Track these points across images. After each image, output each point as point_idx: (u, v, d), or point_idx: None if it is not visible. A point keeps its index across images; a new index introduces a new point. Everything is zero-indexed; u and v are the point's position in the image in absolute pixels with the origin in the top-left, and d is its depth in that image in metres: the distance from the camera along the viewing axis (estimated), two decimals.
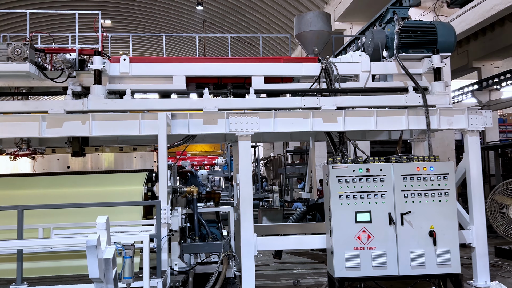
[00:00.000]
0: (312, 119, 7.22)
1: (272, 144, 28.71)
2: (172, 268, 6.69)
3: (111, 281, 2.90)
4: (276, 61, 7.76)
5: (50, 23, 22.45)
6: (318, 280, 8.25)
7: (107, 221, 3.16)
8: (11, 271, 5.46)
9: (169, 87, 7.46)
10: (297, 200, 16.74)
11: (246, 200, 7.03)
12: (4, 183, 6.65)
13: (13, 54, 6.36)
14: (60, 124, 6.67)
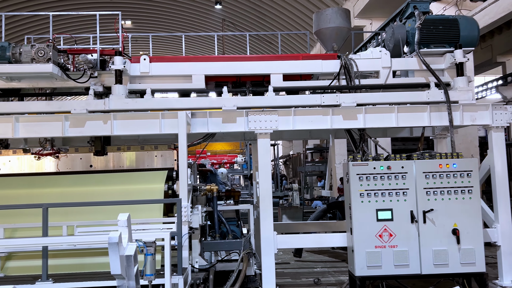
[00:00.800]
0: (332, 117, 7.16)
1: (291, 142, 28.62)
2: (193, 265, 6.75)
3: (133, 278, 2.94)
4: (294, 58, 7.72)
5: (72, 24, 22.85)
6: (339, 279, 8.19)
7: (128, 218, 3.20)
8: (37, 268, 5.60)
9: (189, 86, 7.50)
10: (317, 198, 16.66)
11: (265, 198, 7.03)
12: (29, 181, 6.81)
13: (37, 56, 6.50)
14: (82, 123, 6.78)
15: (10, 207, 6.07)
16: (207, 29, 25.06)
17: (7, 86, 7.17)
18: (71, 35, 8.28)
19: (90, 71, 7.04)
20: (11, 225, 6.11)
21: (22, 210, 6.13)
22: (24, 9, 19.70)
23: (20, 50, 6.53)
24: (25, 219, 6.14)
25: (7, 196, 6.45)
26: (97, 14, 7.40)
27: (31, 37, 8.14)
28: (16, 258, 6.09)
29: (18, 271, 5.97)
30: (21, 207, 6.05)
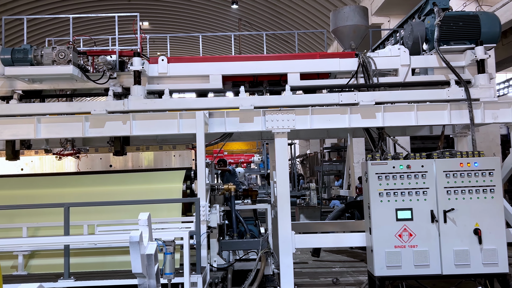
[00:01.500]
0: (350, 115, 7.11)
1: (309, 141, 28.50)
2: (211, 264, 6.78)
3: (153, 277, 2.97)
4: (312, 57, 7.69)
5: (92, 26, 23.19)
6: (358, 279, 8.14)
7: (148, 217, 3.24)
8: (59, 266, 5.70)
9: (206, 86, 7.54)
10: (335, 197, 16.55)
11: (283, 197, 7.02)
12: (51, 181, 6.94)
13: (57, 58, 6.61)
14: (102, 124, 6.88)
15: (33, 207, 6.20)
16: (224, 29, 25.15)
17: (29, 88, 7.31)
18: (91, 37, 8.41)
19: (109, 72, 7.13)
20: (34, 224, 6.23)
21: (44, 210, 6.25)
22: (45, 12, 20.08)
23: (42, 53, 6.65)
24: (47, 218, 6.25)
25: (30, 196, 6.58)
26: (115, 16, 7.49)
27: (52, 39, 8.28)
28: (39, 257, 6.21)
29: (41, 269, 6.08)
30: (43, 206, 6.16)
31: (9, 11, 19.39)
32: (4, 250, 5.80)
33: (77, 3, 21.12)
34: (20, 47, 6.70)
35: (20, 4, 19.64)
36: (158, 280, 3.06)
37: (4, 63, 6.64)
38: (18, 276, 5.88)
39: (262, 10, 22.63)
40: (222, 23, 25.00)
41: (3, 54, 6.64)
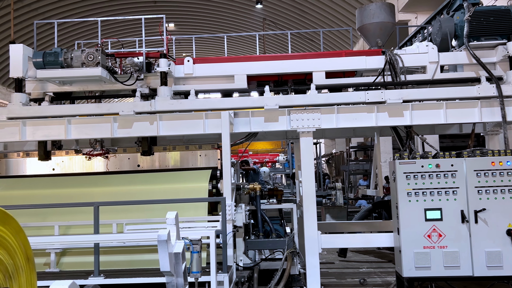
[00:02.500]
0: (377, 114, 7.01)
1: (334, 140, 28.25)
2: (238, 263, 6.80)
3: (181, 275, 3.00)
4: (337, 55, 7.62)
5: (119, 28, 23.66)
6: (386, 280, 8.02)
7: (176, 216, 3.27)
8: (89, 264, 5.84)
9: (231, 86, 7.57)
10: (362, 197, 16.36)
11: (309, 197, 6.98)
12: (81, 181, 7.11)
13: (86, 60, 6.76)
14: (130, 124, 6.99)
15: (64, 205, 6.36)
16: (248, 29, 25.21)
17: (59, 90, 7.52)
18: (118, 39, 8.57)
19: (136, 74, 7.25)
20: (65, 223, 6.39)
21: (75, 208, 6.40)
22: (74, 16, 20.59)
23: (71, 55, 6.82)
24: (78, 217, 6.40)
25: (61, 195, 6.75)
26: (142, 18, 7.61)
27: (81, 42, 8.49)
28: (70, 254, 6.37)
29: (72, 267, 6.24)
30: (74, 205, 6.32)
31: (40, 15, 19.98)
32: (37, 248, 5.97)
33: (105, 6, 21.59)
34: (51, 50, 6.88)
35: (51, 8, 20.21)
36: (185, 279, 3.10)
37: (36, 66, 6.84)
38: (51, 273, 6.05)
39: (286, 9, 22.57)
40: (247, 23, 25.06)
41: (35, 57, 6.84)
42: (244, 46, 28.92)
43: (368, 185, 14.14)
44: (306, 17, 22.68)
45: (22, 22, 20.08)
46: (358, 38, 20.21)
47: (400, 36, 8.51)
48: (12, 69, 7.15)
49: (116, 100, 17.54)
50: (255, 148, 23.98)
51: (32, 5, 19.51)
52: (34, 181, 7.20)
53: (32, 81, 7.41)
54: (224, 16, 24.78)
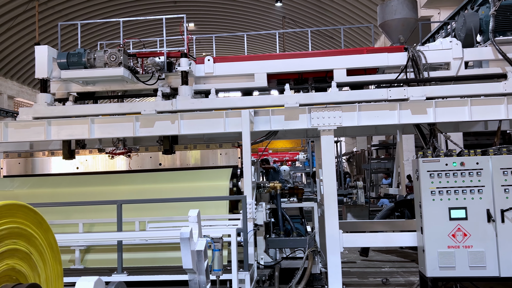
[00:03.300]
0: (399, 111, 6.90)
1: (355, 138, 28.00)
2: (259, 262, 6.81)
3: (203, 272, 3.01)
4: (358, 52, 7.53)
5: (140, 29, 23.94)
6: (409, 279, 7.90)
7: (198, 214, 3.29)
8: (112, 261, 5.93)
9: (251, 85, 7.57)
10: (383, 196, 16.17)
11: (330, 195, 6.93)
12: (104, 179, 7.22)
13: (109, 60, 6.86)
14: (152, 124, 7.06)
15: (88, 203, 6.48)
16: (268, 27, 25.17)
17: (83, 90, 7.65)
18: (140, 39, 8.67)
19: (158, 73, 7.32)
20: (89, 220, 6.51)
21: (98, 206, 6.51)
22: (97, 17, 20.94)
23: (94, 56, 6.93)
24: (101, 215, 6.51)
25: (85, 193, 6.88)
26: (163, 18, 7.67)
27: (104, 43, 8.61)
28: (94, 251, 6.48)
29: (96, 264, 6.35)
30: (97, 203, 6.42)
31: (64, 17, 20.38)
32: (62, 245, 6.08)
33: (127, 7, 21.89)
34: (75, 51, 7.01)
35: (74, 10, 20.60)
36: (208, 276, 3.11)
37: (60, 67, 6.98)
38: (75, 270, 6.16)
39: (306, 6, 22.45)
40: (266, 21, 25.04)
41: (60, 58, 6.98)
42: (264, 44, 28.90)
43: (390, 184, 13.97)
44: (326, 15, 22.51)
45: (47, 24, 20.53)
46: (379, 35, 19.96)
47: (423, 32, 8.37)
48: (37, 70, 7.32)
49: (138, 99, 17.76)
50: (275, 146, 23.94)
51: (56, 7, 19.92)
52: (58, 180, 7.35)
53: (57, 82, 7.57)
54: (244, 15, 24.81)
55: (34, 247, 2.01)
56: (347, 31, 22.80)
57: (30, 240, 1.98)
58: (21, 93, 25.36)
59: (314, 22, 23.36)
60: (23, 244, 1.93)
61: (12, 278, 1.84)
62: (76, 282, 1.67)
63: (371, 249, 10.09)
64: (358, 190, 14.85)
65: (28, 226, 1.96)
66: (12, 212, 1.85)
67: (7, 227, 1.82)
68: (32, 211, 2.01)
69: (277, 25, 24.42)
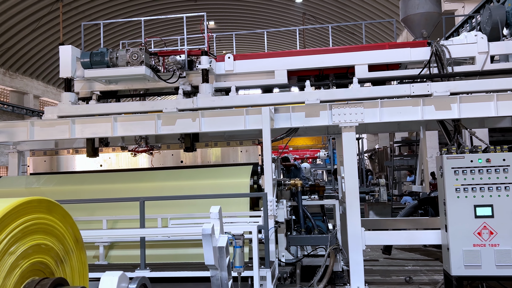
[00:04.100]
0: (423, 107, 6.78)
1: (377, 135, 27.66)
2: (280, 259, 6.80)
3: (225, 269, 3.03)
4: (380, 47, 7.43)
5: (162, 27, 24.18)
6: (433, 278, 7.77)
7: (219, 211, 3.30)
8: (135, 257, 6.01)
9: (271, 82, 7.56)
10: (406, 194, 15.93)
11: (352, 193, 6.87)
12: (127, 177, 7.33)
13: (131, 59, 6.95)
14: (173, 121, 7.13)
15: (111, 200, 6.58)
16: (288, 24, 25.08)
17: (106, 89, 7.77)
18: (161, 38, 8.75)
19: (179, 72, 7.38)
20: (113, 217, 6.61)
21: (121, 203, 6.61)
22: (119, 17, 21.24)
23: (117, 55, 7.02)
24: (124, 212, 6.60)
25: (108, 190, 6.99)
26: (184, 17, 7.73)
27: (126, 42, 8.73)
28: (117, 248, 6.58)
29: (120, 260, 6.44)
30: (120, 200, 6.52)
31: (87, 17, 20.74)
32: (86, 241, 6.21)
33: (148, 6, 22.14)
34: (98, 50, 7.12)
35: (96, 10, 20.94)
36: (229, 273, 3.12)
37: (84, 66, 7.10)
38: (100, 266, 6.28)
39: (326, 2, 22.27)
40: (286, 18, 24.95)
41: (83, 58, 7.10)
42: (284, 41, 28.81)
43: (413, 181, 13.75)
44: (347, 10, 22.28)
45: (71, 24, 20.94)
46: (401, 30, 19.65)
47: (447, 27, 8.20)
48: (61, 70, 7.48)
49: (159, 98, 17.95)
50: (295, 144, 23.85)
51: (79, 8, 20.29)
52: (83, 177, 7.49)
53: (80, 81, 7.71)
54: (264, 12, 24.77)
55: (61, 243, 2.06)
56: (369, 26, 22.52)
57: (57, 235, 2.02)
58: (46, 92, 25.95)
59: (335, 18, 23.15)
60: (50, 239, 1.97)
61: (40, 272, 1.89)
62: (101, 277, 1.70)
63: (394, 247, 9.97)
64: (380, 187, 14.65)
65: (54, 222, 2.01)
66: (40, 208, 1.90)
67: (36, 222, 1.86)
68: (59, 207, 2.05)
69: (297, 22, 24.30)
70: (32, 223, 1.84)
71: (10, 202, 1.73)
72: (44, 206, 1.94)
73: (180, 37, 8.31)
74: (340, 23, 17.43)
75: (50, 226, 1.98)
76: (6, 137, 7.30)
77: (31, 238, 1.84)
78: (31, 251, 1.83)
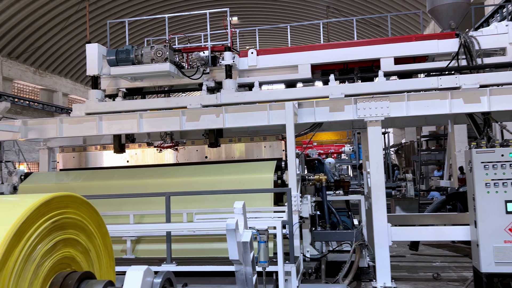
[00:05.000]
0: (451, 100, 6.61)
1: (403, 129, 27.18)
2: (304, 254, 6.78)
3: (249, 264, 3.04)
4: (407, 40, 7.28)
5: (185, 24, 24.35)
6: (461, 275, 7.60)
7: (243, 206, 3.31)
8: (161, 251, 6.10)
9: (295, 76, 7.51)
10: (434, 189, 15.62)
11: (378, 188, 6.77)
12: (153, 172, 7.43)
13: (155, 56, 7.03)
14: (197, 117, 7.18)
15: (138, 195, 6.68)
16: (312, 17, 24.85)
17: (131, 86, 7.89)
18: (185, 35, 8.80)
19: (202, 68, 7.41)
20: (139, 212, 6.72)
21: (147, 198, 6.70)
22: (143, 14, 21.51)
23: (142, 52, 7.11)
24: (150, 207, 6.70)
25: (135, 186, 7.10)
26: (207, 13, 7.75)
27: (150, 39, 8.83)
28: (144, 242, 6.69)
29: (146, 254, 6.56)
30: (147, 195, 6.61)
31: (112, 15, 21.08)
32: (114, 236, 6.33)
33: (172, 3, 22.32)
34: (123, 48, 7.23)
35: (122, 8, 21.25)
36: (254, 268, 3.13)
37: (110, 63, 7.22)
38: (127, 260, 6.40)
39: None
40: (310, 12, 24.72)
41: (109, 55, 7.22)
42: (308, 35, 28.57)
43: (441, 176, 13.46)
44: (371, 2, 21.89)
45: (97, 23, 21.33)
46: (428, 22, 19.21)
47: (476, 17, 7.96)
48: (88, 67, 7.62)
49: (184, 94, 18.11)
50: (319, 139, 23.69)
51: (105, 6, 20.64)
52: (110, 173, 7.64)
53: (107, 78, 7.85)
54: (287, 6, 24.61)
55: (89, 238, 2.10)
56: (394, 19, 22.08)
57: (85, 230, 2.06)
58: (74, 90, 26.56)
59: (359, 10, 22.80)
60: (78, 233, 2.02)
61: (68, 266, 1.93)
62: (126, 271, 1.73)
63: (421, 243, 9.80)
64: (407, 182, 14.41)
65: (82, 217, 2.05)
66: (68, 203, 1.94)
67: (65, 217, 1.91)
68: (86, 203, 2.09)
69: (320, 16, 24.05)
70: (61, 217, 1.88)
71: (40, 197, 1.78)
72: (72, 201, 1.98)
73: (204, 33, 8.35)
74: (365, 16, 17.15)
75: (78, 221, 2.02)
76: (36, 133, 7.51)
77: (61, 233, 1.88)
78: (60, 245, 1.88)
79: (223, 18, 7.68)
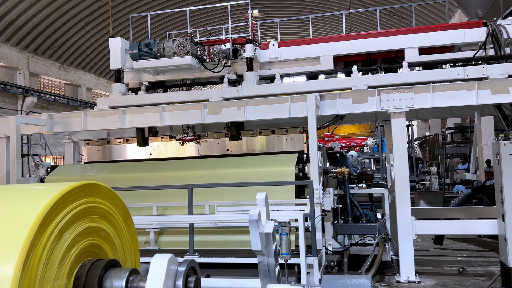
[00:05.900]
0: (478, 91, 6.44)
1: (427, 122, 26.67)
2: (327, 247, 6.74)
3: (272, 255, 3.03)
4: (432, 29, 7.12)
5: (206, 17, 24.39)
6: (488, 269, 7.44)
7: (266, 197, 3.30)
8: (183, 243, 6.16)
9: (317, 68, 7.45)
10: (459, 182, 15.31)
11: (402, 181, 6.67)
12: (175, 165, 7.50)
13: (177, 49, 7.06)
14: (219, 110, 7.19)
15: (161, 188, 6.76)
16: (333, 8, 24.54)
17: (154, 79, 7.97)
18: (206, 28, 8.82)
19: (224, 61, 7.42)
20: (162, 204, 6.80)
21: (170, 191, 6.77)
22: (165, 8, 21.65)
23: (164, 46, 7.17)
24: (173, 199, 6.77)
25: (157, 178, 7.19)
26: (228, 5, 7.74)
27: (172, 33, 8.87)
28: (167, 234, 6.77)
29: (169, 245, 6.63)
30: (170, 187, 6.68)
31: (135, 10, 21.28)
32: (138, 227, 6.43)
33: None
34: (145, 42, 7.29)
35: (145, 3, 21.43)
36: (276, 259, 3.13)
37: (132, 57, 7.30)
38: (151, 251, 6.49)
39: None
40: (332, 2, 24.41)
41: (132, 49, 7.30)
42: (330, 27, 28.25)
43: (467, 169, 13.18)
44: None
45: (120, 18, 21.57)
46: (454, 12, 18.73)
47: (505, 5, 7.71)
48: (112, 61, 7.72)
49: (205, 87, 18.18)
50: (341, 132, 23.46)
51: (127, 1, 20.84)
52: (133, 165, 7.74)
53: (129, 72, 7.94)
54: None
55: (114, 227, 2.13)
56: (418, 8, 21.60)
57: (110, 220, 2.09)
58: (98, 85, 26.98)
59: (382, 1, 22.38)
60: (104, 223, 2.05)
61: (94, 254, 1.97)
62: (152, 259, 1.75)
63: (446, 237, 9.63)
64: (431, 176, 14.16)
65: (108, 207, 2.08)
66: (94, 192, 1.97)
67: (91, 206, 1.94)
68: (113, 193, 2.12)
69: (342, 6, 23.72)
70: (87, 206, 1.91)
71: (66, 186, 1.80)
72: (98, 190, 2.01)
73: (225, 26, 8.35)
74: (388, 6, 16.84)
75: (104, 210, 2.05)
76: (62, 127, 7.66)
77: (87, 220, 1.91)
78: (86, 232, 1.91)
79: (244, 11, 7.65)
